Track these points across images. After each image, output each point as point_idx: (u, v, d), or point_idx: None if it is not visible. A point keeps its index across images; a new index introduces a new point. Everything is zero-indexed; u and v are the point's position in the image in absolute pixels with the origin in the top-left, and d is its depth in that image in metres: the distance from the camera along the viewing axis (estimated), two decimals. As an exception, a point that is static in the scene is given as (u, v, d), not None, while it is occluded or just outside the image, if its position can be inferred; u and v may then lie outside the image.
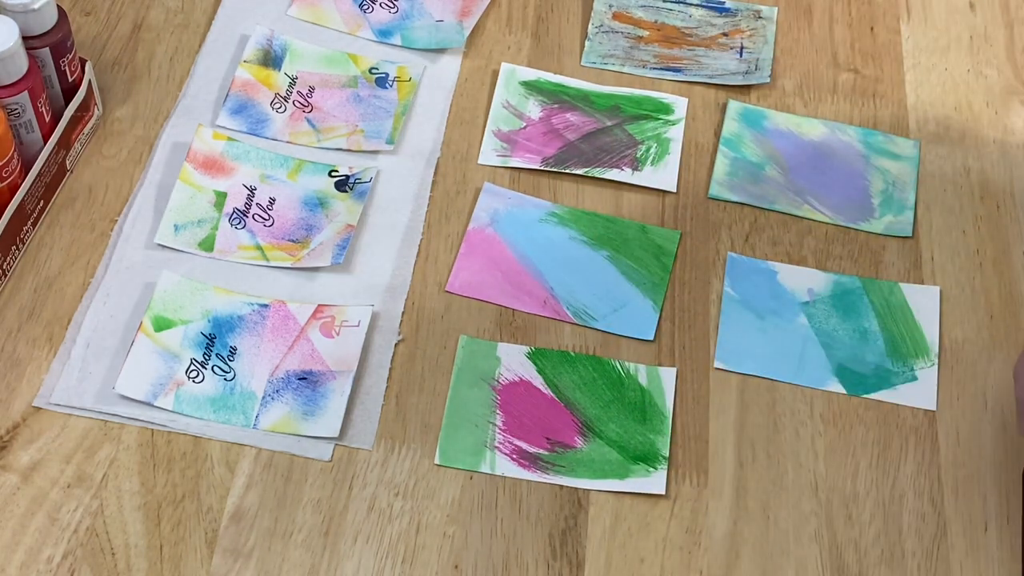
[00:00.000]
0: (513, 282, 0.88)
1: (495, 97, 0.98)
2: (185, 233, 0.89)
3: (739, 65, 1.01)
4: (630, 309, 0.87)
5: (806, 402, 0.84)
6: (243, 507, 0.78)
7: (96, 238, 0.89)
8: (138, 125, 0.95)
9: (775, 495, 0.80)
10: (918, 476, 0.81)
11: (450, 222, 0.91)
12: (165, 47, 0.99)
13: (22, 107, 0.86)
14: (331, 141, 0.95)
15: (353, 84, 0.98)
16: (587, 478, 0.80)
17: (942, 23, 1.05)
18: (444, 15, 1.02)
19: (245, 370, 0.83)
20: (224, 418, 0.81)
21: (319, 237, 0.89)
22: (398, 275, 0.88)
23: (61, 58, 0.89)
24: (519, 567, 0.77)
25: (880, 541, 0.79)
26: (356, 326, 0.85)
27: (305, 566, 0.76)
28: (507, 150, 0.95)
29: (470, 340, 0.85)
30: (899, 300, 0.89)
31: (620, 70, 1.01)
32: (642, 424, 0.82)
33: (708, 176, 0.95)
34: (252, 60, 0.98)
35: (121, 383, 0.81)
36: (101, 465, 0.79)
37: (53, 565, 0.75)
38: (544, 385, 0.84)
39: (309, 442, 0.81)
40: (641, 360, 0.85)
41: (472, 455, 0.81)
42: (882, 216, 0.93)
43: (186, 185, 0.91)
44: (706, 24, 1.04)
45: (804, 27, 1.04)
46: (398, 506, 0.79)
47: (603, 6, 1.04)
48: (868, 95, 1.00)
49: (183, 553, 0.76)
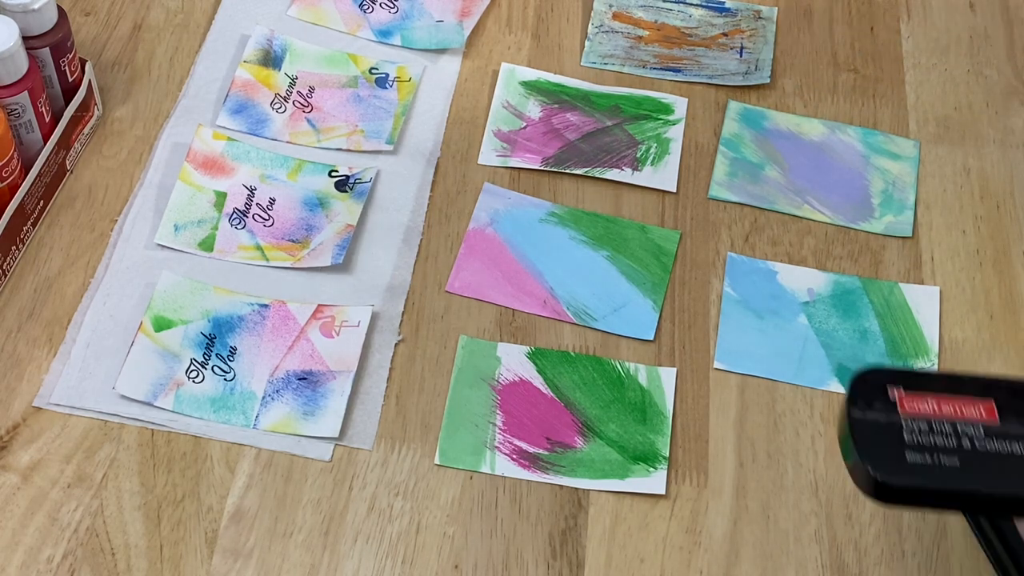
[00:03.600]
0: (513, 282, 0.88)
1: (495, 97, 0.98)
2: (185, 233, 0.89)
3: (739, 65, 1.01)
4: (630, 309, 0.87)
5: (806, 402, 0.84)
6: (243, 507, 0.78)
7: (96, 238, 0.89)
8: (138, 125, 0.95)
9: (775, 495, 0.80)
10: (918, 476, 0.81)
11: (450, 222, 0.91)
12: (165, 47, 1.00)
13: (22, 107, 0.86)
14: (331, 141, 0.95)
15: (353, 84, 0.98)
16: (587, 478, 0.80)
17: (942, 23, 1.05)
18: (444, 15, 1.02)
19: (245, 370, 0.83)
20: (224, 418, 0.81)
21: (319, 237, 0.89)
22: (398, 275, 0.88)
23: (61, 58, 0.89)
24: (519, 567, 0.77)
25: (880, 541, 0.79)
26: (356, 326, 0.85)
27: (305, 566, 0.76)
28: (507, 150, 0.95)
29: (470, 340, 0.85)
30: (899, 300, 0.89)
31: (620, 70, 1.01)
32: (642, 424, 0.82)
33: (708, 176, 0.95)
34: (252, 60, 0.98)
35: (121, 383, 0.81)
36: (101, 465, 0.79)
37: (53, 565, 0.75)
38: (544, 385, 0.84)
39: (309, 442, 0.81)
40: (641, 360, 0.85)
41: (472, 455, 0.81)
42: (882, 216, 0.93)
43: (186, 185, 0.91)
44: (706, 24, 1.04)
45: (804, 27, 1.04)
46: (398, 506, 0.79)
47: (603, 6, 1.04)
48: (868, 95, 1.00)
49: (183, 553, 0.76)
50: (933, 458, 0.65)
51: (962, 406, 0.67)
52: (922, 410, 0.66)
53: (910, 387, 0.67)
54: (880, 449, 0.65)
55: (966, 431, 0.66)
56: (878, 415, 0.66)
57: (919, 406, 0.66)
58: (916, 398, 0.67)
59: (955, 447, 0.65)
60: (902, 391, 0.67)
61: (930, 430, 0.66)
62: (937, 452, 0.65)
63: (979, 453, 0.65)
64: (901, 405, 0.66)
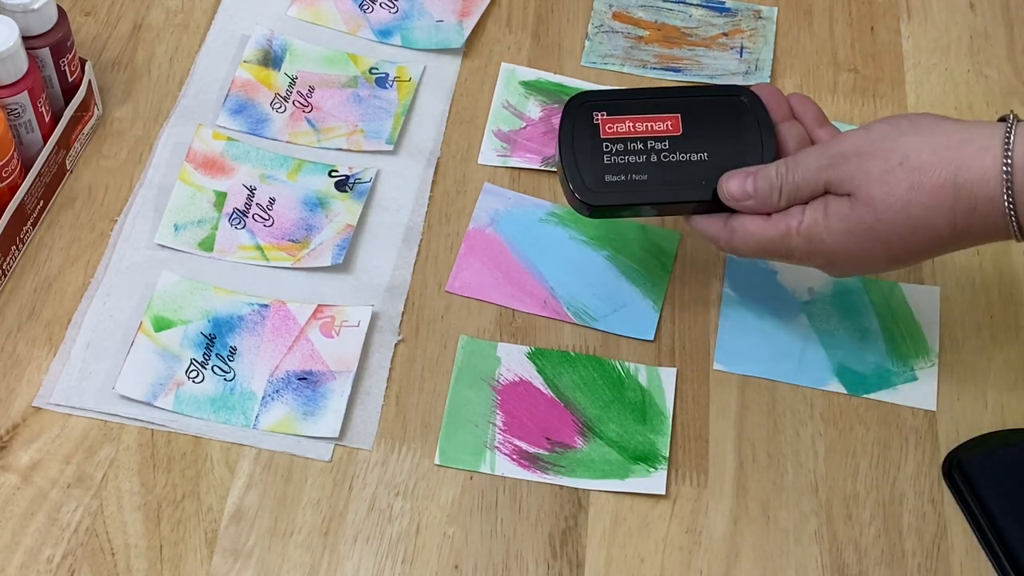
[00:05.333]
0: (513, 282, 0.88)
1: (495, 97, 0.98)
2: (185, 233, 0.89)
3: (739, 65, 1.01)
4: (630, 309, 0.87)
5: (806, 402, 0.84)
6: (243, 507, 0.78)
7: (96, 238, 0.89)
8: (138, 125, 0.95)
9: (775, 495, 0.80)
10: (918, 476, 0.81)
11: (450, 222, 0.91)
12: (165, 47, 0.99)
13: (22, 107, 0.86)
14: (331, 141, 0.95)
15: (353, 84, 0.98)
16: (587, 478, 0.80)
17: (942, 23, 1.05)
18: (444, 15, 1.02)
19: (245, 370, 0.83)
20: (224, 418, 0.81)
21: (319, 237, 0.89)
22: (398, 275, 0.88)
23: (61, 58, 0.89)
24: (519, 567, 0.77)
25: (880, 541, 0.79)
26: (356, 326, 0.85)
27: (305, 566, 0.76)
28: (507, 150, 0.95)
29: (470, 340, 0.85)
30: (899, 300, 0.89)
31: (620, 70, 1.01)
32: (642, 424, 0.82)
33: (708, 176, 0.95)
34: (252, 60, 0.98)
35: (121, 383, 0.81)
36: (101, 465, 0.79)
37: (53, 565, 0.75)
38: (544, 385, 0.84)
39: (309, 442, 0.81)
40: (641, 360, 0.85)
41: (472, 455, 0.81)
42: (882, 216, 0.93)
43: (186, 185, 0.91)
44: (706, 24, 1.04)
45: (804, 27, 1.04)
46: (398, 506, 0.79)
47: (603, 6, 1.04)
48: (868, 95, 1.00)
49: (183, 553, 0.76)
50: (627, 176, 0.76)
51: (653, 123, 0.77)
52: (619, 131, 0.77)
53: (612, 111, 0.77)
54: (584, 174, 0.76)
55: (654, 146, 0.77)
56: (584, 140, 0.77)
57: (618, 127, 0.77)
58: (616, 120, 0.77)
59: (643, 162, 0.77)
60: (604, 115, 0.77)
61: (625, 150, 0.77)
62: (629, 170, 0.76)
63: (663, 164, 0.77)
64: (603, 128, 0.77)
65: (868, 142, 0.74)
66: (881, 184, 0.72)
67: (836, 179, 0.74)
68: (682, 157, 0.77)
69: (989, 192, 0.70)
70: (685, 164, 0.77)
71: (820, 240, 0.75)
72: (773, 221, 0.76)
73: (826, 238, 0.74)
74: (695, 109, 0.79)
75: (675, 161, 0.77)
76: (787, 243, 0.76)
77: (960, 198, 0.70)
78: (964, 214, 0.71)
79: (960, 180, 0.70)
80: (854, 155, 0.73)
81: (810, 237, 0.75)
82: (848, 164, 0.73)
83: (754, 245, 0.77)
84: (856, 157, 0.73)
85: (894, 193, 0.72)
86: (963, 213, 0.70)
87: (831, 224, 0.74)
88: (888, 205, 0.72)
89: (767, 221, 0.76)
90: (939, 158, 0.71)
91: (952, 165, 0.70)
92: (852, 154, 0.74)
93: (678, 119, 0.78)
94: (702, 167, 0.77)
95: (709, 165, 0.77)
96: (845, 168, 0.74)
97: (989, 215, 0.70)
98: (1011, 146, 0.70)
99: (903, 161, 0.72)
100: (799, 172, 0.75)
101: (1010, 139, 0.70)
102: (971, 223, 0.71)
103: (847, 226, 0.73)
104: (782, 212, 0.76)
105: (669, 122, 0.78)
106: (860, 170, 0.73)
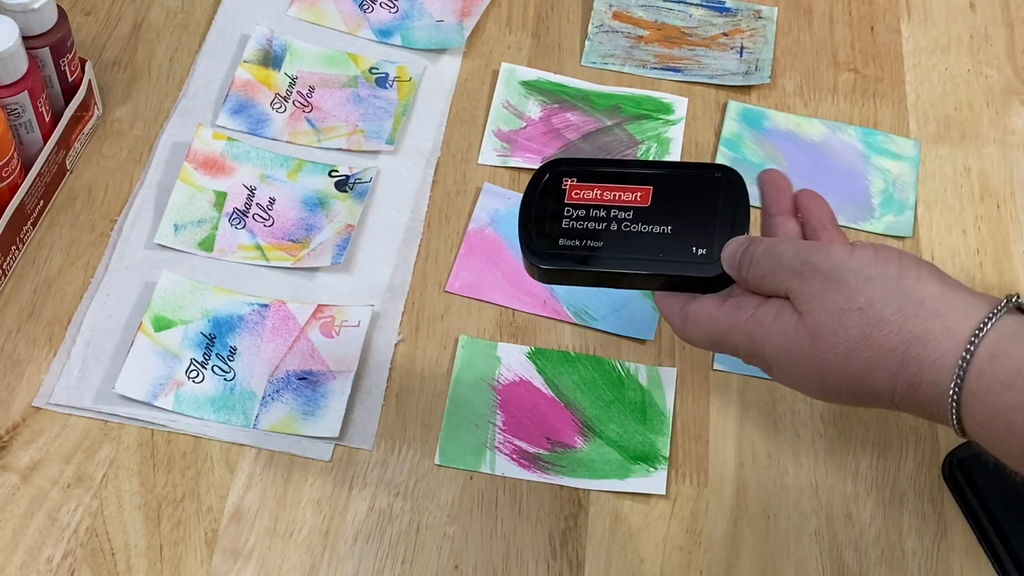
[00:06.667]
0: (513, 282, 0.88)
1: (495, 97, 0.98)
2: (185, 233, 0.89)
3: (739, 65, 1.01)
4: (630, 309, 0.87)
5: (806, 402, 0.84)
6: (243, 507, 0.78)
7: (96, 238, 0.89)
8: (138, 125, 0.95)
9: (775, 495, 0.80)
10: (918, 476, 0.81)
11: (450, 222, 0.91)
12: (165, 47, 0.99)
13: (22, 107, 0.86)
14: (331, 141, 0.95)
15: (353, 84, 0.98)
16: (587, 478, 0.80)
17: (942, 23, 1.05)
18: (444, 15, 1.02)
19: (245, 370, 0.83)
20: (224, 418, 0.81)
21: (319, 237, 0.89)
22: (398, 275, 0.88)
23: (61, 58, 0.89)
24: (519, 567, 0.77)
25: (880, 541, 0.79)
26: (356, 326, 0.85)
27: (305, 566, 0.76)
28: (507, 150, 0.95)
29: (470, 340, 0.85)
30: (899, 300, 0.88)
31: (620, 70, 1.01)
32: (642, 424, 0.82)
33: (708, 176, 0.95)
34: (252, 60, 0.98)
35: (121, 383, 0.81)
36: (101, 465, 0.79)
37: (53, 565, 0.75)
38: (544, 385, 0.84)
39: (309, 442, 0.81)
40: (641, 360, 0.85)
41: (472, 455, 0.81)
42: (882, 216, 0.93)
43: (186, 185, 0.91)
44: (706, 24, 1.04)
45: (804, 27, 1.04)
46: (398, 506, 0.79)
47: (603, 6, 1.04)
48: (868, 95, 1.00)
49: (183, 553, 0.76)
50: (582, 242, 0.72)
51: (623, 192, 0.73)
52: (585, 197, 0.73)
53: (583, 177, 0.74)
54: (539, 237, 0.72)
55: (616, 215, 0.73)
56: (546, 204, 0.74)
57: (584, 194, 0.73)
58: (584, 187, 0.74)
59: (602, 230, 0.72)
60: (574, 181, 0.74)
61: (586, 216, 0.73)
62: (586, 236, 0.72)
63: (623, 233, 0.72)
64: (569, 194, 0.73)
65: (844, 269, 0.65)
66: (832, 321, 0.65)
67: (797, 290, 0.66)
68: (643, 228, 0.72)
69: (937, 377, 0.62)
70: (645, 236, 0.72)
71: (760, 346, 0.68)
72: (725, 309, 0.69)
73: (765, 346, 0.67)
74: (669, 183, 0.74)
75: (635, 231, 0.72)
76: (732, 337, 0.69)
77: (905, 371, 0.63)
78: (905, 387, 0.63)
79: (912, 353, 0.63)
80: (823, 275, 0.65)
81: (752, 339, 0.68)
82: (813, 282, 0.66)
83: (703, 333, 0.71)
84: (823, 279, 0.65)
85: (840, 336, 0.64)
86: (905, 386, 0.63)
87: (772, 335, 0.67)
88: (830, 344, 0.65)
89: (719, 309, 0.70)
90: (901, 320, 0.63)
91: (910, 334, 0.63)
92: (823, 272, 0.66)
93: (649, 191, 0.74)
94: (663, 240, 0.72)
95: (671, 239, 0.72)
96: (809, 285, 0.66)
97: (932, 399, 0.63)
98: (979, 339, 0.61)
99: (864, 307, 0.64)
100: (770, 258, 0.68)
101: (983, 330, 0.61)
102: (911, 399, 0.64)
103: (786, 345, 0.66)
104: (735, 302, 0.69)
105: (639, 193, 0.73)
106: (820, 295, 0.65)
